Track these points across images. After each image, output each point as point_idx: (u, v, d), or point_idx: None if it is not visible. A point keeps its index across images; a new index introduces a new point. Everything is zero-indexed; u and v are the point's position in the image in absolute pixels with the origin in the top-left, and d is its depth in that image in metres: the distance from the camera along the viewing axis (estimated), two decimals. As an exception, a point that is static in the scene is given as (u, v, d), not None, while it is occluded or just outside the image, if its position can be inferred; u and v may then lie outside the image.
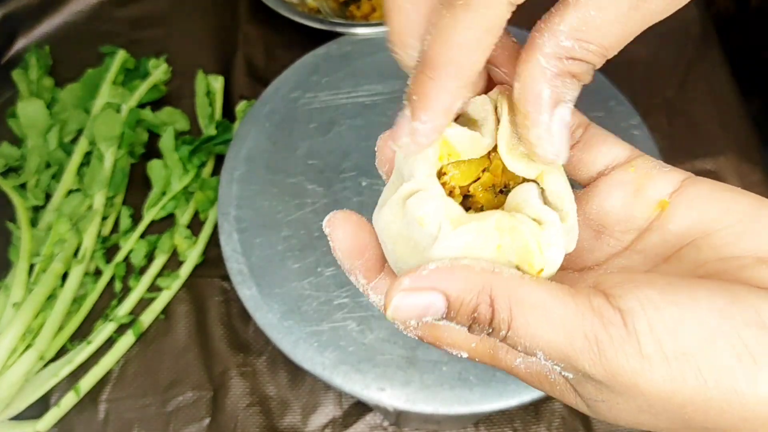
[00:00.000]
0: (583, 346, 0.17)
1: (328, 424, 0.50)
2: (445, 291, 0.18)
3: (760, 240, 0.19)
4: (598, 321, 0.17)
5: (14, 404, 0.50)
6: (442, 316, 0.19)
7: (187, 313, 0.55)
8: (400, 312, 0.19)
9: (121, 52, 0.66)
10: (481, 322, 0.19)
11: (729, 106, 0.62)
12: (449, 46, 0.18)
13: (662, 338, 0.17)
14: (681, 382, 0.17)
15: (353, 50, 0.57)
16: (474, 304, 0.18)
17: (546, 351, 0.18)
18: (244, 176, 0.50)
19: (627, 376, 0.17)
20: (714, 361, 0.17)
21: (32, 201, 0.58)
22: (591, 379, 0.18)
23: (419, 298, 0.19)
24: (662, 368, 0.17)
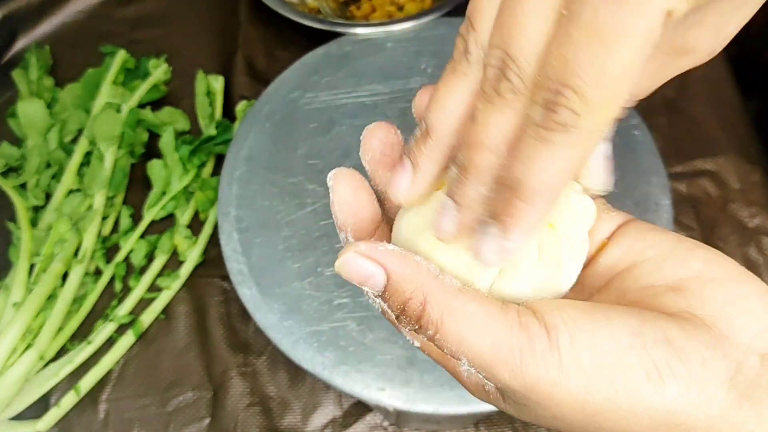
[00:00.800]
0: (506, 358, 0.19)
1: (328, 424, 0.50)
2: (389, 271, 0.20)
3: (672, 271, 0.21)
4: (525, 334, 0.19)
5: (14, 404, 0.50)
6: (379, 293, 0.20)
7: (187, 313, 0.55)
8: (346, 267, 0.20)
9: (121, 52, 0.66)
10: (409, 315, 0.20)
11: (729, 106, 0.62)
12: (546, 177, 0.18)
13: (580, 351, 0.19)
14: (595, 392, 0.18)
15: (353, 50, 0.57)
16: (407, 296, 0.20)
17: (470, 358, 0.19)
18: (244, 176, 0.50)
19: (544, 387, 0.19)
20: (625, 374, 0.18)
21: (32, 201, 0.58)
22: (511, 389, 0.19)
23: (366, 265, 0.20)
24: (579, 379, 0.18)
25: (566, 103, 0.17)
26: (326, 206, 0.48)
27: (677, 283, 0.20)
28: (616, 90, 0.17)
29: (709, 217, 0.57)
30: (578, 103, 0.17)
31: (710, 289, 0.20)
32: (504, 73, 0.18)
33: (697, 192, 0.58)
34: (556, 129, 0.17)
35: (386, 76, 0.55)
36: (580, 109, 0.17)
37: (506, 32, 0.18)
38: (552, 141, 0.18)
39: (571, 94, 0.17)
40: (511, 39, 0.18)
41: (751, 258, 0.54)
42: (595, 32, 0.16)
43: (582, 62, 0.17)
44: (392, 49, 0.57)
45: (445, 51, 0.56)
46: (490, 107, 0.19)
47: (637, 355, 0.18)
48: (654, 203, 0.47)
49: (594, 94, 0.17)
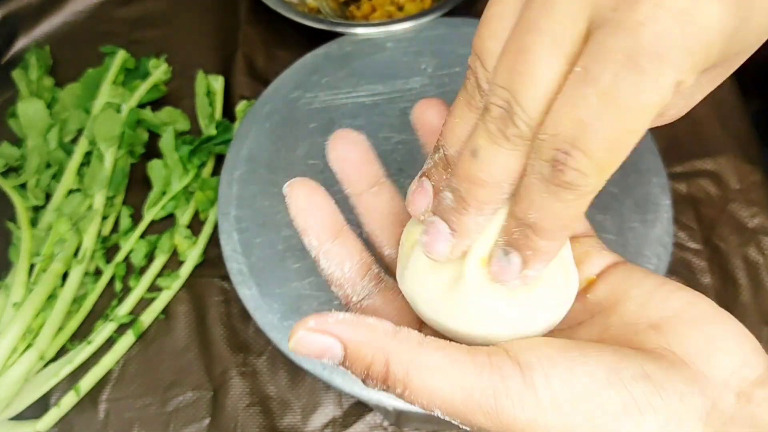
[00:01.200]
0: (479, 401, 0.19)
1: (328, 424, 0.50)
2: (344, 341, 0.20)
3: (654, 310, 0.21)
4: (497, 375, 0.19)
5: (14, 404, 0.50)
6: (339, 363, 0.20)
7: (187, 313, 0.55)
8: (301, 345, 0.20)
9: (121, 52, 0.66)
10: (374, 378, 0.20)
11: (729, 106, 0.62)
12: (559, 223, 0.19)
13: (556, 388, 0.19)
14: (572, 428, 0.19)
15: (353, 50, 0.57)
16: (369, 360, 0.20)
17: (443, 409, 0.19)
18: (244, 176, 0.50)
19: (521, 427, 0.19)
20: (603, 410, 0.19)
21: (32, 201, 0.58)
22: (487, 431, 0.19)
23: (320, 340, 0.20)
24: (556, 415, 0.19)
25: (575, 165, 0.18)
26: (326, 206, 0.48)
27: (658, 322, 0.21)
28: (622, 153, 0.17)
29: (709, 217, 0.57)
30: (586, 165, 0.17)
31: (689, 328, 0.21)
32: (512, 118, 0.19)
33: (697, 192, 0.58)
34: (564, 187, 0.18)
35: (386, 76, 0.55)
36: (588, 170, 0.18)
37: (516, 77, 0.18)
38: (563, 198, 0.18)
39: (581, 156, 0.17)
40: (521, 85, 0.18)
41: (751, 258, 0.54)
42: (612, 99, 0.16)
43: (596, 127, 0.17)
44: (392, 49, 0.57)
45: (445, 51, 0.56)
46: (496, 148, 0.19)
47: (615, 391, 0.19)
48: (654, 203, 0.47)
49: (603, 158, 0.17)
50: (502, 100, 0.19)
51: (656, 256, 0.45)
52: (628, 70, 0.16)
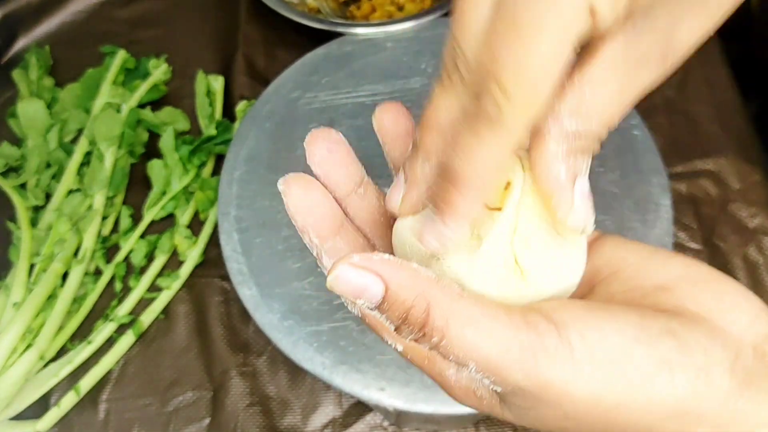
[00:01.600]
0: (518, 358, 0.18)
1: (328, 424, 0.50)
2: (387, 280, 0.19)
3: (657, 273, 0.21)
4: (534, 332, 0.19)
5: (14, 404, 0.50)
6: (376, 305, 0.19)
7: (187, 313, 0.55)
8: (339, 282, 0.19)
9: (121, 52, 0.66)
10: (412, 323, 0.19)
11: (729, 106, 0.62)
12: (474, 167, 0.19)
13: (592, 346, 0.19)
14: (610, 387, 0.18)
15: (353, 50, 0.57)
16: (408, 304, 0.19)
17: (479, 363, 0.19)
18: (244, 176, 0.50)
19: (558, 385, 0.18)
20: (637, 367, 0.18)
21: (32, 201, 0.58)
22: (521, 391, 0.19)
23: (361, 276, 0.19)
24: (594, 374, 0.18)
25: (490, 96, 0.17)
26: (326, 206, 0.48)
27: (664, 284, 0.21)
28: (535, 84, 0.17)
29: (709, 217, 0.57)
30: (500, 96, 0.17)
31: (696, 287, 0.21)
32: (455, 62, 0.19)
33: (697, 192, 0.58)
34: (482, 120, 0.18)
35: (386, 76, 0.55)
36: (502, 101, 0.17)
37: (456, 20, 0.19)
38: (479, 132, 0.18)
39: (494, 87, 0.17)
40: (457, 28, 0.19)
41: (751, 258, 0.54)
42: (513, 26, 0.17)
43: (503, 55, 0.17)
44: (392, 49, 0.57)
45: (445, 51, 0.56)
46: (442, 91, 0.20)
47: (645, 348, 0.19)
48: (654, 203, 0.47)
49: (514, 88, 0.17)
50: (450, 48, 0.19)
51: (656, 256, 0.45)
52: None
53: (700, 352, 0.19)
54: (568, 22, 0.16)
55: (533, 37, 0.16)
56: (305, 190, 0.23)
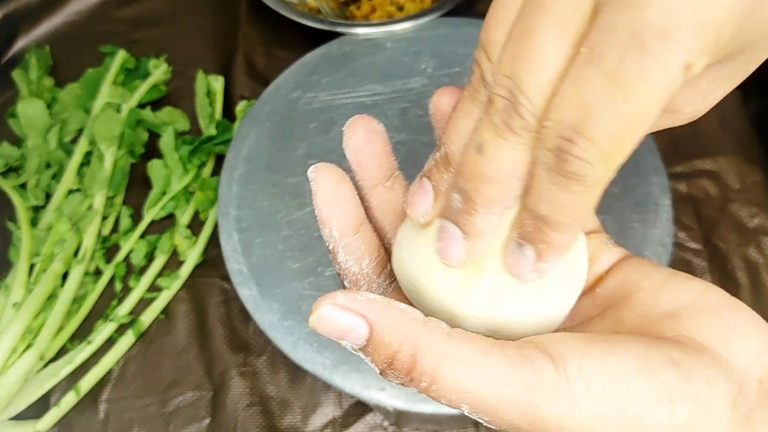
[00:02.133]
0: (513, 396, 0.18)
1: (328, 424, 0.50)
2: (371, 322, 0.18)
3: (668, 300, 0.21)
4: (530, 367, 0.18)
5: (14, 404, 0.50)
6: (360, 348, 0.19)
7: (187, 313, 0.55)
8: (323, 322, 0.19)
9: (121, 52, 0.66)
10: (398, 369, 0.18)
11: (729, 106, 0.62)
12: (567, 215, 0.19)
13: (590, 378, 0.18)
14: (606, 421, 0.18)
15: (353, 50, 0.57)
16: (394, 348, 0.18)
17: (472, 405, 0.18)
18: (244, 176, 0.50)
19: (555, 422, 0.18)
20: (636, 399, 0.18)
21: (32, 201, 0.58)
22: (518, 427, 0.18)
23: (345, 318, 0.19)
24: (590, 408, 0.18)
25: (579, 154, 0.17)
26: (326, 206, 0.48)
27: (673, 311, 0.20)
28: (629, 140, 0.16)
29: (709, 217, 0.57)
30: (591, 153, 0.17)
31: (706, 316, 0.20)
32: (516, 109, 0.18)
33: (697, 192, 0.58)
34: (569, 177, 0.17)
35: (386, 76, 0.55)
36: (593, 159, 0.17)
37: (519, 64, 0.17)
38: (570, 190, 0.18)
39: (585, 144, 0.17)
40: (524, 72, 0.17)
41: (751, 258, 0.54)
42: (618, 80, 0.16)
43: (600, 111, 0.16)
44: (392, 49, 0.57)
45: (445, 51, 0.56)
46: (502, 142, 0.18)
47: (647, 379, 0.18)
48: (654, 203, 0.47)
49: (608, 144, 0.16)
50: (506, 90, 0.18)
51: (656, 256, 0.45)
52: (634, 48, 0.15)
53: (703, 384, 0.18)
54: (673, 80, 0.16)
55: (637, 97, 0.16)
56: (336, 182, 0.23)
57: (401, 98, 0.53)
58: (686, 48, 0.15)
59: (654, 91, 0.16)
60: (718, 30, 0.15)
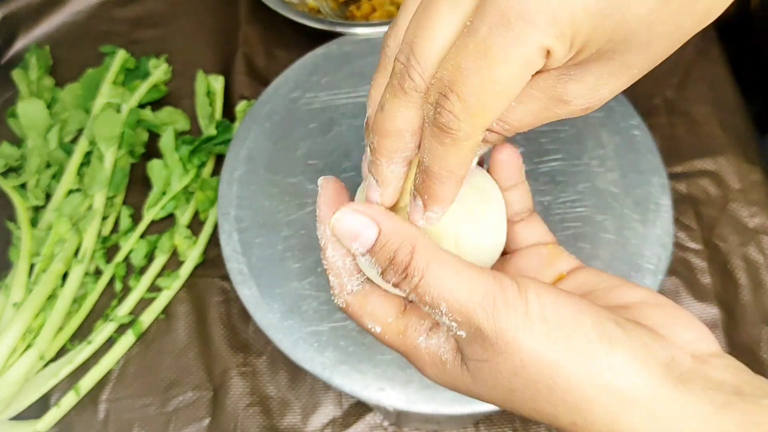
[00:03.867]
0: (482, 301, 0.21)
1: (328, 424, 0.50)
2: (380, 225, 0.23)
3: (622, 296, 0.25)
4: (498, 285, 0.22)
5: (14, 404, 0.50)
6: (368, 249, 0.23)
7: (187, 313, 0.55)
8: (340, 224, 0.23)
9: (121, 52, 0.66)
10: (397, 265, 0.22)
11: (729, 106, 0.62)
12: (445, 167, 0.22)
13: (545, 307, 0.21)
14: (555, 345, 0.21)
15: (353, 50, 0.57)
16: (396, 246, 0.22)
17: (449, 303, 0.22)
18: (244, 176, 0.50)
19: (511, 333, 0.21)
20: (581, 332, 0.21)
21: (32, 201, 0.58)
22: (481, 335, 0.22)
23: (360, 220, 0.23)
24: (541, 328, 0.21)
25: (449, 107, 0.20)
26: (326, 206, 0.48)
27: (626, 304, 0.24)
28: (492, 103, 0.20)
29: (709, 217, 0.57)
30: (458, 108, 0.20)
31: (653, 309, 0.24)
32: (408, 72, 0.21)
33: (697, 192, 0.58)
34: (442, 129, 0.21)
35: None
36: (460, 114, 0.20)
37: (416, 32, 0.21)
38: (443, 141, 0.21)
39: (454, 99, 0.20)
40: (419, 40, 0.21)
41: (751, 258, 0.54)
42: (484, 49, 0.19)
43: (467, 72, 0.19)
44: (392, 49, 0.57)
45: (445, 51, 0.56)
46: (396, 100, 0.22)
47: (591, 320, 0.21)
48: (654, 203, 0.47)
49: (473, 102, 0.20)
50: (404, 56, 0.21)
51: (656, 256, 0.45)
52: (501, 25, 0.18)
53: (639, 342, 0.21)
54: (530, 58, 0.19)
55: (499, 65, 0.19)
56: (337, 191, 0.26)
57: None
58: (542, 32, 0.18)
59: (513, 63, 0.19)
60: (573, 23, 0.18)
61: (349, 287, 0.26)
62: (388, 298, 0.26)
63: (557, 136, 0.49)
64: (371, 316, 0.26)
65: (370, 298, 0.26)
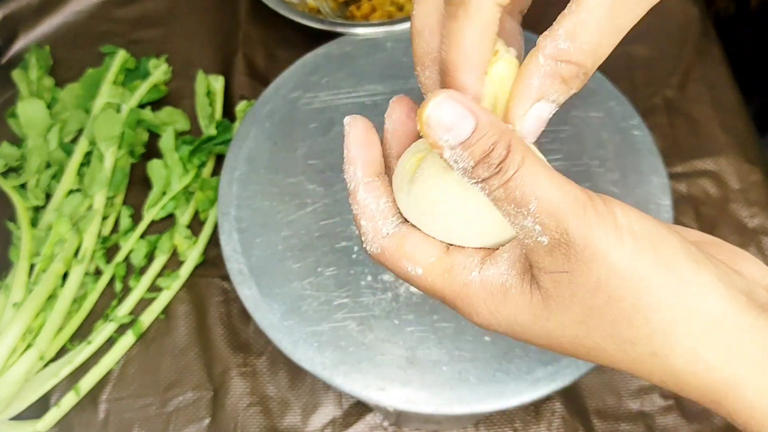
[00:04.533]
0: (573, 205, 0.20)
1: (328, 424, 0.50)
2: (478, 118, 0.21)
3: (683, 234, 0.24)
4: (586, 194, 0.21)
5: (14, 404, 0.50)
6: (461, 142, 0.21)
7: (187, 313, 0.55)
8: (437, 112, 0.21)
9: (121, 52, 0.66)
10: (493, 158, 0.21)
11: (729, 106, 0.62)
12: (458, 50, 0.22)
13: (633, 223, 0.20)
14: (643, 259, 0.20)
15: (353, 50, 0.57)
16: (493, 141, 0.21)
17: (541, 202, 0.20)
18: (244, 176, 0.50)
19: (601, 242, 0.20)
20: (670, 250, 0.20)
21: (32, 201, 0.58)
22: (566, 242, 0.20)
23: (457, 109, 0.21)
24: (630, 242, 0.20)
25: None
26: (326, 206, 0.48)
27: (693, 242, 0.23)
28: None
29: (709, 217, 0.57)
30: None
31: (716, 247, 0.24)
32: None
33: (697, 192, 0.58)
34: (454, 5, 0.21)
35: (386, 76, 0.55)
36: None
37: None
38: (454, 15, 0.21)
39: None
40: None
41: (751, 258, 0.54)
42: None
43: None
44: (392, 49, 0.57)
45: (445, 51, 0.56)
46: (418, 3, 0.23)
47: (678, 241, 0.21)
48: (654, 203, 0.47)
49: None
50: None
51: (656, 256, 0.45)
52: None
53: (722, 268, 0.21)
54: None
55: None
56: (367, 130, 0.25)
57: (401, 98, 0.53)
58: None
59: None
60: None
61: (384, 230, 0.25)
62: (428, 238, 0.25)
63: (557, 136, 0.49)
64: (411, 258, 0.24)
65: (409, 239, 0.24)
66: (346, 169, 0.25)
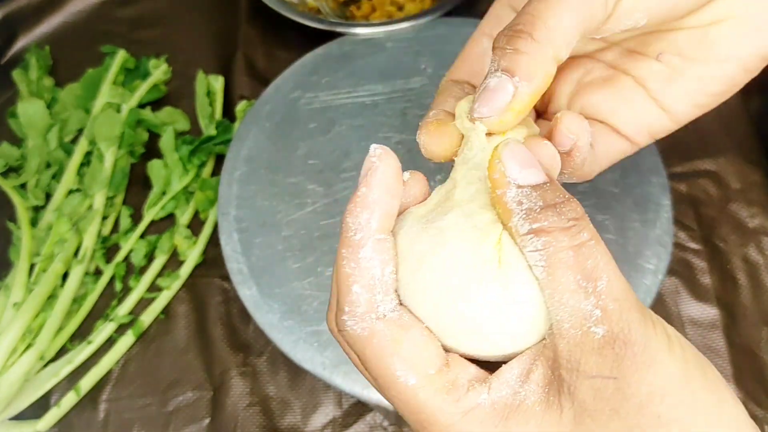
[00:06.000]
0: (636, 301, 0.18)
1: (328, 424, 0.50)
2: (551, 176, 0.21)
3: None
4: None
5: (14, 404, 0.50)
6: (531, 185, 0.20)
7: (187, 313, 0.55)
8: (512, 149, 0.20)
9: (121, 52, 0.66)
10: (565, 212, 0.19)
11: (729, 106, 0.62)
12: None
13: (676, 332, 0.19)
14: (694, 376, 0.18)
15: (353, 50, 0.57)
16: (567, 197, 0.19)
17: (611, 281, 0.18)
18: (244, 176, 0.50)
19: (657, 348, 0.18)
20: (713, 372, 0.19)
21: (32, 201, 0.58)
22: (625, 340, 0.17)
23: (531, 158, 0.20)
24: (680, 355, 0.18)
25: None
26: (326, 206, 0.48)
27: None
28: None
29: (709, 217, 0.57)
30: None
31: None
32: None
33: (697, 192, 0.58)
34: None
35: (386, 76, 0.55)
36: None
37: None
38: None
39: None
40: None
41: (751, 258, 0.54)
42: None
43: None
44: (392, 49, 0.57)
45: (445, 51, 0.56)
46: None
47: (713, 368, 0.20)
48: (654, 203, 0.47)
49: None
50: None
51: (656, 256, 0.45)
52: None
53: None
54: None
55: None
56: (397, 175, 0.21)
57: (401, 98, 0.53)
58: None
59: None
60: None
61: (381, 309, 0.20)
62: (431, 339, 0.19)
63: (557, 136, 0.49)
64: (406, 360, 0.19)
65: (410, 333, 0.19)
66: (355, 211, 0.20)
